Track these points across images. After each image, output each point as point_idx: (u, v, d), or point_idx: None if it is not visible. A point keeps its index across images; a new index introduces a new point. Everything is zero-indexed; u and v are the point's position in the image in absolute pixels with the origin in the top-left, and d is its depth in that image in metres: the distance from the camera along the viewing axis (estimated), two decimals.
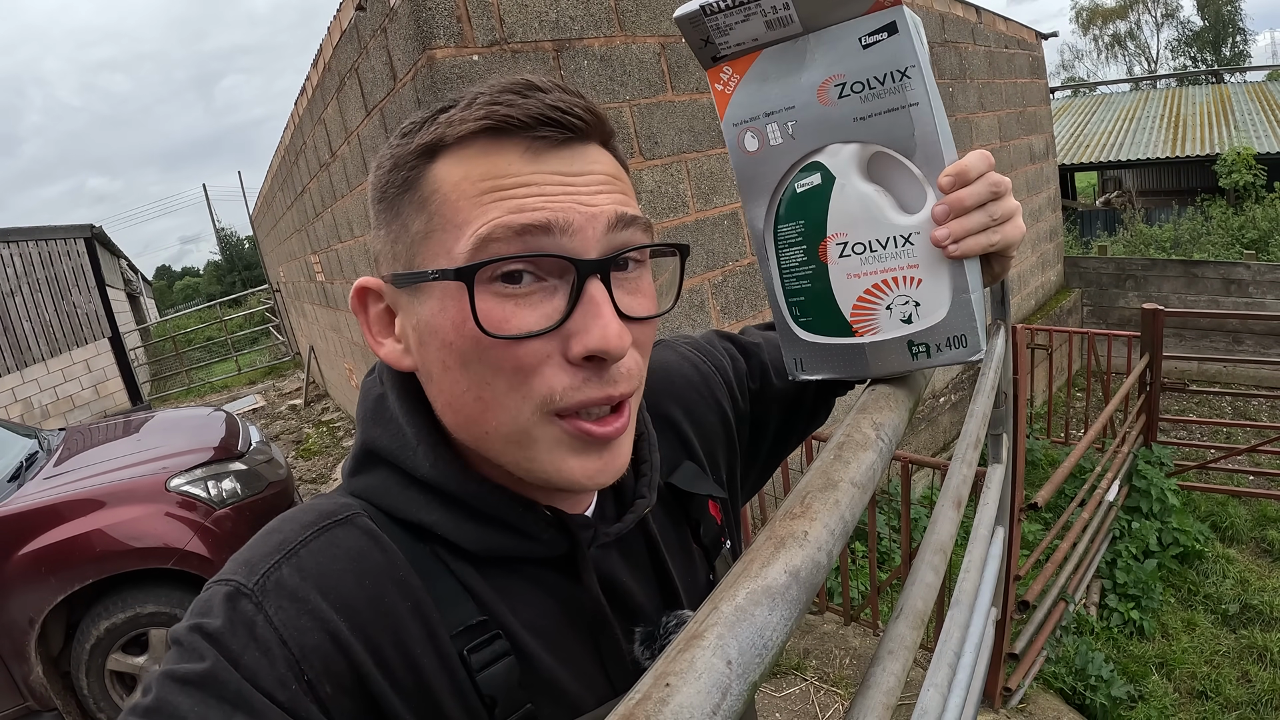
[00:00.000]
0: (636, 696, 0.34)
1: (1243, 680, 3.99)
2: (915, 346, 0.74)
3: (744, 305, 3.98)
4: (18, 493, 3.66)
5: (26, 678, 3.46)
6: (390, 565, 0.59)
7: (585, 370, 0.57)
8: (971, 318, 0.71)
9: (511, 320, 0.55)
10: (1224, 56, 36.16)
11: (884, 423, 0.65)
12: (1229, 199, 14.06)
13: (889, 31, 0.66)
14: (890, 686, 0.64)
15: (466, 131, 0.57)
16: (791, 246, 0.77)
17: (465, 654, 0.59)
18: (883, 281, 0.73)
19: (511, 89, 0.58)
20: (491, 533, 0.63)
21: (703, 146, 3.73)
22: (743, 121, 0.75)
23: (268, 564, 0.56)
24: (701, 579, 0.79)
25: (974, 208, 0.68)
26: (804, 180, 0.74)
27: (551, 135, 0.57)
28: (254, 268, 39.58)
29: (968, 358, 0.73)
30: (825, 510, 0.49)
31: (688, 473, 0.80)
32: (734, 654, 0.36)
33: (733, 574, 0.43)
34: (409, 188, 0.59)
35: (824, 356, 0.79)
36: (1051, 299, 8.95)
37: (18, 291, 12.27)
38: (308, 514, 0.61)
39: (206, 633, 0.53)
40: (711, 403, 0.87)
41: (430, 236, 0.58)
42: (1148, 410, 5.33)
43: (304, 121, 5.74)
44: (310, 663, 0.53)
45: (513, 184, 0.56)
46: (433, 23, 2.78)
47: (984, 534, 1.26)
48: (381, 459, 0.65)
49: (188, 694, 0.50)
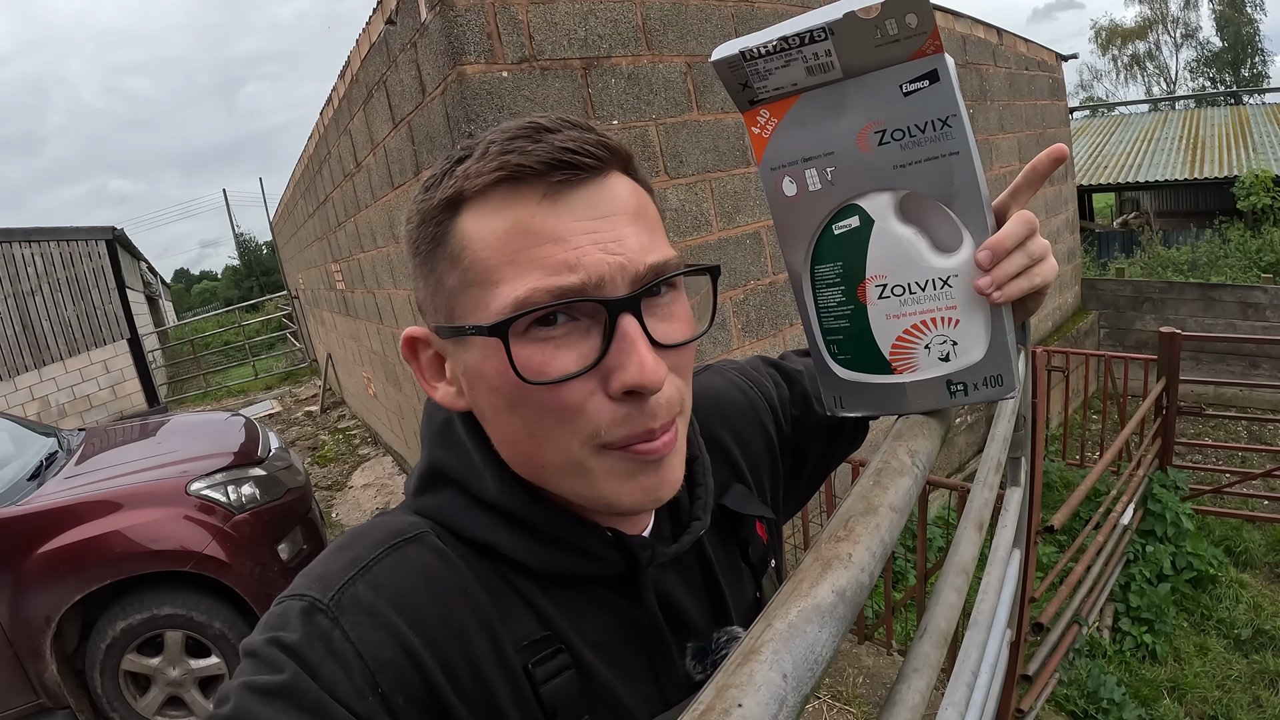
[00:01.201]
0: (701, 708, 0.36)
1: (1254, 705, 3.96)
2: (954, 385, 0.75)
3: (765, 324, 4.01)
4: (38, 492, 3.68)
5: (41, 675, 3.48)
6: (459, 582, 0.61)
7: (626, 404, 0.59)
8: (1008, 358, 0.73)
9: (551, 364, 0.57)
10: (1243, 77, 35.98)
11: (919, 450, 0.67)
12: (1247, 221, 13.98)
13: (930, 79, 0.66)
14: (915, 704, 0.66)
15: (483, 185, 0.58)
16: (830, 287, 0.77)
17: (530, 667, 0.61)
18: (922, 322, 0.74)
19: (521, 134, 0.59)
20: (555, 553, 0.65)
21: (727, 166, 3.77)
22: (781, 165, 0.75)
23: (342, 580, 0.58)
24: (749, 596, 0.81)
25: (1014, 249, 0.69)
26: (842, 222, 0.74)
27: (567, 177, 0.58)
28: (272, 273, 39.74)
29: (1003, 396, 0.74)
30: (867, 534, 0.52)
31: (738, 494, 0.83)
32: (789, 668, 0.38)
33: (784, 593, 0.45)
34: (439, 243, 0.61)
35: (863, 394, 0.80)
36: (1069, 321, 8.92)
37: (38, 291, 12.38)
38: (378, 531, 0.63)
39: (284, 645, 0.54)
40: (758, 427, 0.90)
41: (466, 292, 0.60)
42: (1164, 434, 5.31)
43: (329, 131, 5.79)
44: (385, 675, 0.55)
45: (540, 240, 0.57)
46: (463, 39, 2.82)
47: (1001, 556, 1.27)
48: (449, 479, 0.68)
49: (267, 704, 0.51)
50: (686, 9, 3.56)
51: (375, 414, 7.76)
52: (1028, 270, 0.70)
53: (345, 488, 7.13)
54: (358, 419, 9.43)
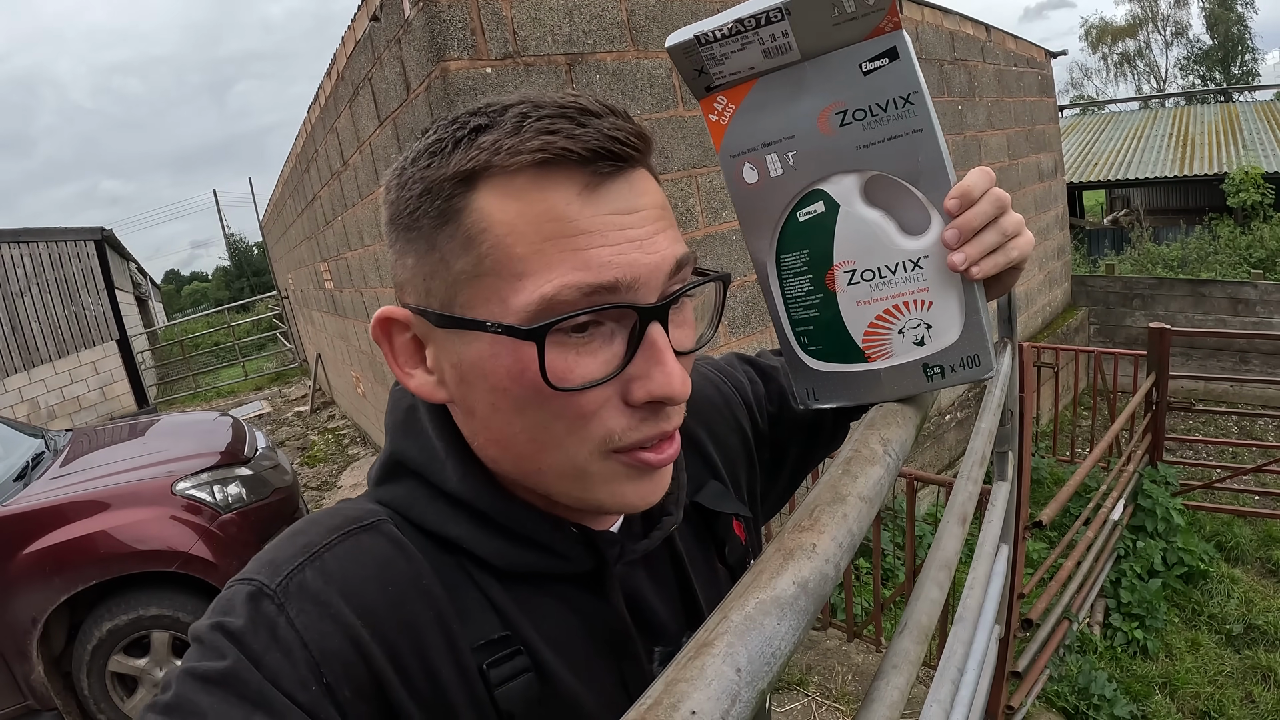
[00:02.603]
0: (648, 702, 0.34)
1: (1246, 701, 3.97)
2: (930, 369, 0.73)
3: (751, 321, 4.00)
4: (23, 492, 3.67)
5: (28, 677, 3.47)
6: (414, 574, 0.59)
7: (643, 411, 0.57)
8: (983, 337, 0.71)
9: (575, 371, 0.54)
10: (1233, 75, 36.12)
11: (891, 439, 0.65)
12: (1237, 218, 14.07)
13: (890, 57, 0.65)
14: (893, 701, 0.65)
15: (522, 164, 0.52)
16: (797, 276, 0.75)
17: (484, 668, 0.58)
18: (894, 306, 0.72)
19: (563, 114, 0.54)
20: (518, 549, 0.62)
21: (713, 162, 3.75)
22: (740, 153, 0.73)
23: (291, 565, 0.56)
24: None
25: (982, 227, 0.68)
26: (806, 209, 0.72)
27: (610, 169, 0.54)
28: (262, 274, 39.71)
29: (980, 376, 0.73)
30: (833, 524, 0.50)
31: (713, 491, 0.80)
32: (743, 662, 0.37)
33: (742, 584, 0.44)
34: (448, 220, 0.55)
35: (837, 384, 0.78)
36: (1058, 317, 8.94)
37: (27, 292, 12.32)
38: (334, 518, 0.61)
39: (228, 631, 0.52)
40: (733, 423, 0.88)
41: (480, 280, 0.54)
42: (1154, 429, 5.32)
43: (316, 130, 5.77)
44: (330, 666, 0.53)
45: (574, 231, 0.53)
46: (447, 35, 2.81)
47: (988, 551, 1.26)
48: (410, 470, 0.65)
49: (208, 692, 0.50)
50: (671, 5, 3.55)
51: (364, 414, 7.74)
52: (1003, 246, 0.69)
53: (334, 488, 7.10)
54: (347, 419, 9.40)
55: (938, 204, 0.68)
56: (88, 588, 3.43)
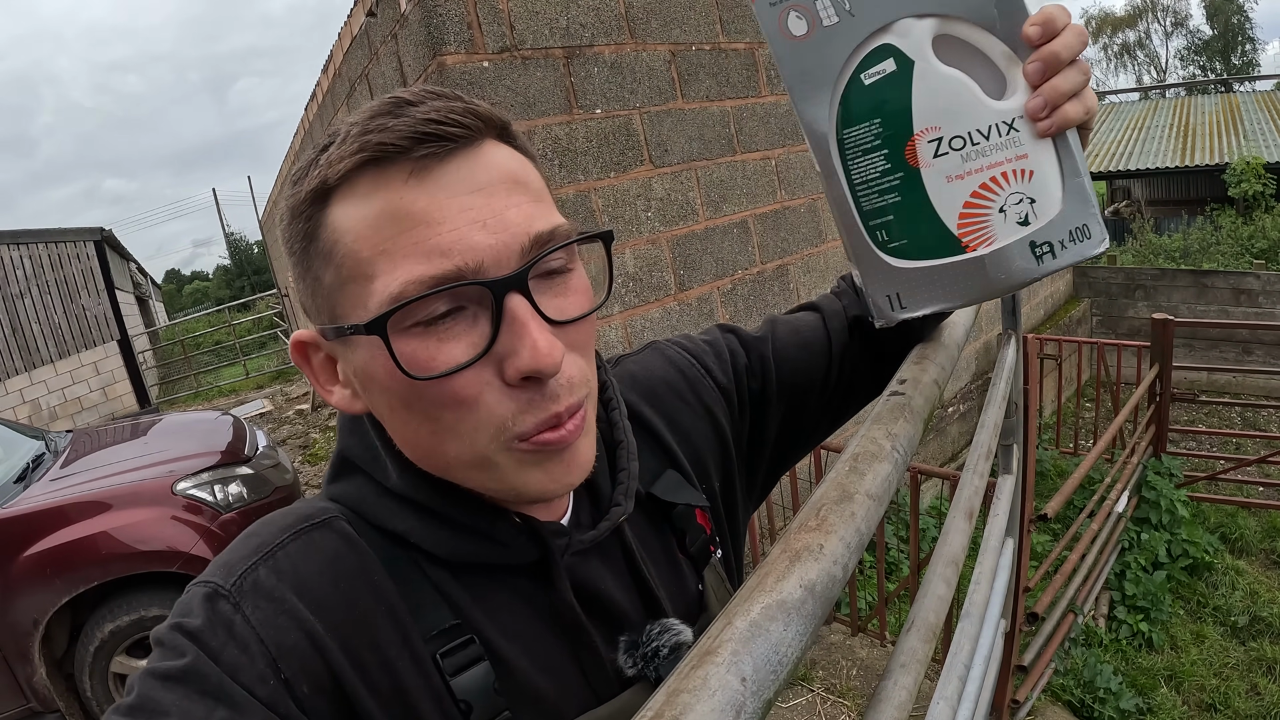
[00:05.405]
0: (649, 714, 0.33)
1: (1252, 693, 3.96)
2: (1038, 248, 0.63)
3: (754, 313, 3.98)
4: (24, 494, 3.66)
5: (30, 679, 3.46)
6: (365, 569, 0.60)
7: (527, 390, 0.56)
8: (1089, 203, 0.62)
9: (437, 357, 0.54)
10: (1233, 65, 36.06)
11: (899, 434, 0.63)
12: (1238, 208, 14.04)
13: None
14: (902, 700, 0.63)
15: (346, 169, 0.54)
16: (868, 154, 0.64)
17: (438, 658, 0.59)
18: (991, 179, 0.61)
19: (381, 111, 0.55)
20: (462, 540, 0.63)
21: (713, 154, 3.74)
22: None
23: (245, 565, 0.57)
24: (691, 589, 0.77)
25: (1069, 63, 0.60)
26: (873, 69, 0.61)
27: (434, 150, 0.54)
28: (263, 273, 39.74)
29: (1094, 250, 0.63)
30: (841, 523, 0.48)
31: (669, 481, 0.79)
32: (749, 671, 0.35)
33: (747, 588, 0.42)
34: (311, 239, 0.57)
35: (930, 284, 0.66)
36: (1061, 309, 8.92)
37: (27, 293, 12.30)
38: (286, 517, 0.62)
39: (187, 631, 0.54)
40: (697, 407, 0.85)
41: (343, 289, 0.56)
42: (1157, 421, 5.30)
43: (314, 127, 5.75)
44: (287, 661, 0.54)
45: (413, 223, 0.53)
46: (443, 29, 2.79)
47: (994, 545, 1.25)
48: (357, 467, 0.66)
49: (169, 689, 0.51)
50: None
51: None
52: (1084, 92, 0.62)
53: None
54: None
55: (1021, 57, 0.59)
56: (89, 589, 3.42)
